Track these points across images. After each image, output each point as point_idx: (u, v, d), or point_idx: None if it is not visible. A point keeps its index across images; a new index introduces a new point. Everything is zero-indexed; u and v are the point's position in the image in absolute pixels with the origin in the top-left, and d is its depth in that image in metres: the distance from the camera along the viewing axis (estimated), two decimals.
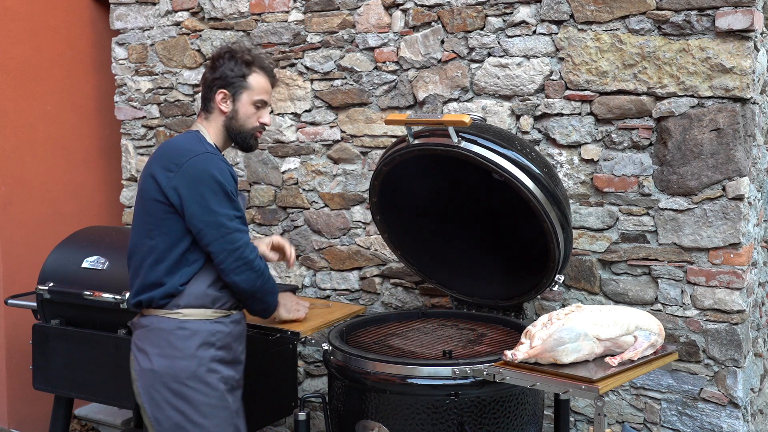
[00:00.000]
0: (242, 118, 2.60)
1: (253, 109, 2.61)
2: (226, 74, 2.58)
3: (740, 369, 2.91)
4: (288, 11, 3.75)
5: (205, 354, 2.50)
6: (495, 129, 2.75)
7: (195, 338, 2.49)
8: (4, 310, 4.04)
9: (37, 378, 3.38)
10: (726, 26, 2.80)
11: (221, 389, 2.52)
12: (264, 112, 2.64)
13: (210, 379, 2.50)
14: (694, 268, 2.95)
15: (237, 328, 2.61)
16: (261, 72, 2.62)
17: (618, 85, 3.02)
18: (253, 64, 2.60)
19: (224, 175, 2.47)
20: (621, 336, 2.28)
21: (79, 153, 4.53)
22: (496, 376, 2.25)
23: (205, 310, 2.52)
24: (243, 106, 2.60)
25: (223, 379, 2.53)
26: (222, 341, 2.54)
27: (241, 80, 2.58)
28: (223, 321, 2.56)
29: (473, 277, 3.09)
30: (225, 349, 2.55)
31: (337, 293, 3.78)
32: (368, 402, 2.49)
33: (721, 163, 2.86)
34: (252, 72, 2.60)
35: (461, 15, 3.31)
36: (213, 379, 2.51)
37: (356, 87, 3.60)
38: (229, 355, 2.57)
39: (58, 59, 4.40)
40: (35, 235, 4.23)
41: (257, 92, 2.61)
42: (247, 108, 2.60)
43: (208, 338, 2.51)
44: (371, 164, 3.61)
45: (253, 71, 2.60)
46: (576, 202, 3.14)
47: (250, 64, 2.60)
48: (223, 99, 2.59)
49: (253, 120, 2.62)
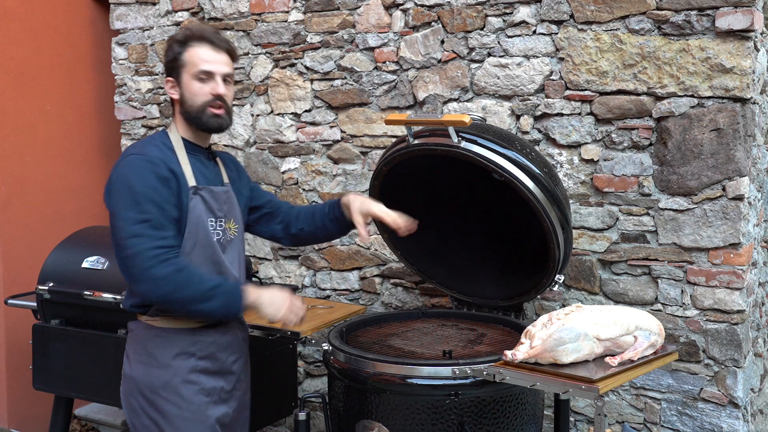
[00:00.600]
0: (189, 97, 2.40)
1: (198, 83, 2.39)
2: (167, 61, 2.45)
3: (740, 369, 2.91)
4: (288, 11, 3.75)
5: (182, 364, 2.38)
6: (495, 129, 2.75)
7: (172, 347, 2.38)
8: (4, 310, 4.04)
9: (37, 378, 3.38)
10: (726, 26, 2.80)
11: (198, 402, 2.39)
12: (214, 83, 2.40)
13: (185, 390, 2.38)
14: (694, 268, 2.95)
15: (225, 338, 2.47)
16: (198, 43, 2.41)
17: (618, 85, 3.02)
18: (188, 40, 2.41)
19: (140, 177, 2.28)
20: (621, 336, 2.28)
21: (79, 153, 4.53)
22: (496, 376, 2.25)
23: (183, 319, 2.39)
24: (186, 84, 2.40)
25: (203, 391, 2.41)
26: (204, 351, 2.42)
27: (178, 60, 2.41)
28: (207, 330, 2.43)
29: (473, 277, 3.09)
30: (208, 359, 2.43)
31: (337, 293, 3.78)
32: (368, 402, 2.49)
33: (721, 163, 2.86)
34: (187, 48, 2.40)
35: (461, 15, 3.31)
36: (189, 390, 2.38)
37: (356, 87, 3.60)
38: (215, 365, 2.44)
39: (58, 59, 4.40)
40: (35, 235, 4.23)
41: (196, 64, 2.39)
42: (191, 85, 2.40)
43: (186, 348, 2.39)
44: (371, 164, 3.61)
45: (188, 47, 2.40)
46: (576, 202, 3.14)
47: (184, 42, 2.41)
48: (172, 87, 2.44)
49: (200, 95, 2.39)
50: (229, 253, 2.48)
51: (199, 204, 2.38)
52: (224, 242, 2.47)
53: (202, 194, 2.39)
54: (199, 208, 2.38)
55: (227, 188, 2.51)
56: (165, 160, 2.35)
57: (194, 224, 2.37)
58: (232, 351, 2.50)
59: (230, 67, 2.46)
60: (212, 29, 2.49)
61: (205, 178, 2.44)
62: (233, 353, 2.51)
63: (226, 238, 2.48)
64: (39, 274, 3.38)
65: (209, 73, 2.39)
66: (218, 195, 2.45)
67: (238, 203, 2.56)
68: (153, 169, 2.30)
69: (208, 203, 2.41)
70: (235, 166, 2.67)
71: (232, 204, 2.52)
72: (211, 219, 2.42)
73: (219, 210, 2.45)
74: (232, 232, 2.51)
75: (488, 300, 3.03)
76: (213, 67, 2.40)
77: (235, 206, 2.54)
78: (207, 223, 2.40)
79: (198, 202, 2.38)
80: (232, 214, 2.51)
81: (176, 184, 2.34)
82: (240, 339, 2.56)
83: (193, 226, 2.37)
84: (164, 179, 2.31)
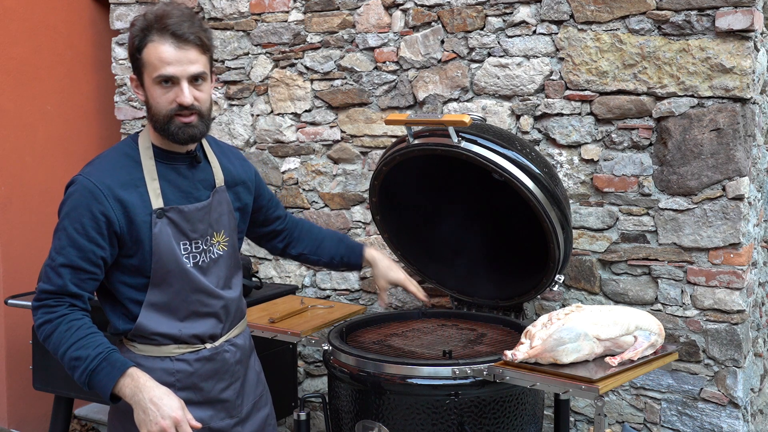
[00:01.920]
0: (153, 105, 2.04)
1: (159, 89, 2.01)
2: (129, 54, 2.07)
3: (740, 369, 2.91)
4: (288, 11, 3.75)
5: None
6: (495, 129, 2.75)
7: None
8: (4, 310, 4.04)
9: (37, 378, 3.39)
10: (726, 26, 2.80)
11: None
12: (177, 89, 2.00)
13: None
14: (694, 268, 2.95)
15: (208, 366, 2.19)
16: (159, 37, 1.98)
17: (618, 85, 3.02)
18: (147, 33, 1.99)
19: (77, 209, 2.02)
20: (621, 336, 2.28)
21: (79, 153, 4.53)
22: (496, 376, 2.25)
23: (163, 347, 2.14)
24: (148, 89, 2.04)
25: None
26: (184, 382, 2.15)
27: (137, 58, 2.02)
28: (186, 358, 2.15)
29: (473, 277, 3.09)
30: (190, 390, 2.16)
31: (337, 293, 3.78)
32: (368, 402, 2.49)
33: (721, 163, 2.86)
34: (146, 43, 1.99)
35: (461, 15, 3.31)
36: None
37: (356, 87, 3.60)
38: (198, 395, 2.18)
39: (58, 59, 4.40)
40: (35, 235, 4.22)
41: (155, 67, 1.99)
42: (152, 90, 2.02)
43: (164, 378, 2.08)
44: (371, 164, 3.61)
45: (147, 41, 1.99)
46: (576, 202, 3.14)
47: (142, 35, 2.00)
48: (136, 87, 2.08)
49: (163, 104, 2.02)
50: (213, 274, 2.21)
51: (165, 228, 2.09)
52: (205, 264, 2.18)
53: (169, 216, 2.09)
54: (166, 233, 2.09)
55: (206, 203, 2.17)
56: (113, 186, 2.04)
57: (161, 252, 2.09)
58: (219, 379, 2.23)
59: (201, 64, 2.04)
60: (180, 12, 2.02)
61: (179, 193, 2.14)
62: (222, 381, 2.24)
63: (209, 257, 2.20)
64: (39, 274, 3.38)
65: (172, 78, 2.00)
66: (190, 214, 2.13)
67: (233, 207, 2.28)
68: (89, 206, 2.02)
69: (178, 225, 2.11)
70: (240, 162, 2.37)
71: (217, 214, 2.21)
72: (184, 242, 2.13)
73: (193, 231, 2.14)
74: (221, 246, 2.23)
75: (488, 300, 3.03)
76: (175, 70, 1.99)
77: (224, 213, 2.23)
78: (177, 248, 2.11)
79: (163, 225, 2.08)
80: (218, 226, 2.21)
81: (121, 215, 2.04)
82: (231, 363, 2.26)
83: (161, 254, 2.09)
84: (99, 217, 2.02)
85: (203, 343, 2.20)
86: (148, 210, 2.08)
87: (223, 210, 2.24)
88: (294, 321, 3.02)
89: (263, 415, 2.42)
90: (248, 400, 2.35)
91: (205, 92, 2.08)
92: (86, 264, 2.03)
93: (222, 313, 2.24)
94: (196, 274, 2.16)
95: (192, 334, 2.17)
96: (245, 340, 2.37)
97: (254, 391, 2.39)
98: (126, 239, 2.07)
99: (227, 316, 2.26)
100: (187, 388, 2.17)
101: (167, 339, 2.15)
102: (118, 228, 2.04)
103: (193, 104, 2.03)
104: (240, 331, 2.33)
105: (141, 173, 2.10)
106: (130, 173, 2.09)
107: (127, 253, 2.09)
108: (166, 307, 2.14)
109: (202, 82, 2.06)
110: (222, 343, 2.24)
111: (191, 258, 2.15)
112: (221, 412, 2.26)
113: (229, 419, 2.28)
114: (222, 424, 2.26)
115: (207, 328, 2.20)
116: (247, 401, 2.35)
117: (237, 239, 2.32)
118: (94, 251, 2.03)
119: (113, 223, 2.04)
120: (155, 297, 2.12)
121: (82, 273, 2.04)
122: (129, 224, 2.05)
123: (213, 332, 2.22)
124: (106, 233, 2.03)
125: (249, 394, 2.36)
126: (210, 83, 2.12)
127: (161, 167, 2.13)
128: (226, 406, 2.27)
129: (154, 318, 2.13)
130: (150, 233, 2.08)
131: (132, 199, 2.06)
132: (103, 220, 2.02)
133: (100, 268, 2.06)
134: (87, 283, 2.06)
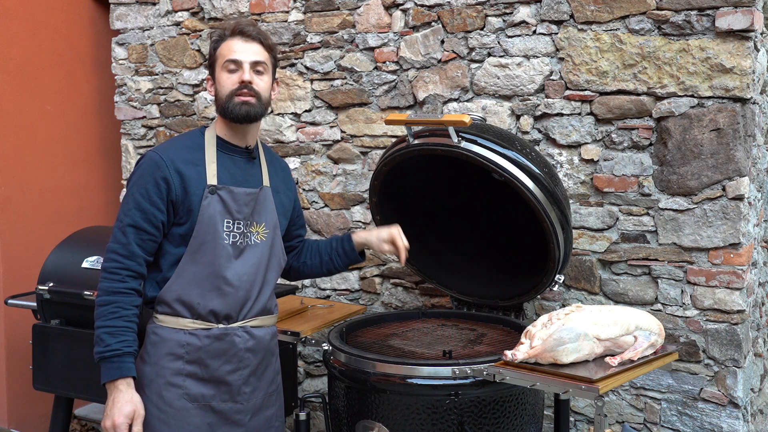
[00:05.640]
0: (220, 90, 2.39)
1: (226, 73, 2.37)
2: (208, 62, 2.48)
3: (740, 369, 2.91)
4: (288, 11, 3.76)
5: (168, 365, 2.33)
6: (495, 129, 2.75)
7: (162, 346, 2.34)
8: (4, 310, 4.04)
9: (37, 378, 3.38)
10: (726, 26, 2.80)
11: (178, 407, 2.33)
12: (241, 71, 2.37)
13: (167, 393, 2.33)
14: (694, 268, 2.95)
15: (216, 345, 2.36)
16: (231, 37, 2.39)
17: (618, 85, 3.02)
18: (222, 37, 2.40)
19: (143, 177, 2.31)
20: (621, 336, 2.28)
21: (79, 153, 4.53)
22: (496, 376, 2.25)
23: (180, 319, 2.34)
24: (218, 78, 2.39)
25: (188, 396, 2.34)
26: (192, 355, 2.34)
27: (213, 57, 2.41)
28: (197, 333, 2.34)
29: (473, 277, 3.09)
30: (196, 365, 2.34)
31: (337, 293, 3.78)
32: (368, 402, 2.49)
33: (721, 163, 2.87)
34: (221, 43, 2.40)
35: (461, 15, 3.31)
36: (171, 393, 2.33)
37: (356, 87, 3.60)
38: (204, 372, 2.35)
39: (58, 59, 4.40)
40: (35, 235, 4.23)
41: (224, 56, 2.37)
42: (222, 78, 2.38)
43: (175, 349, 2.33)
44: (371, 164, 3.61)
45: (222, 42, 2.40)
46: (576, 202, 3.14)
47: (218, 39, 2.41)
48: (210, 86, 2.45)
49: (228, 85, 2.37)
50: (246, 258, 2.39)
51: (214, 203, 2.33)
52: (241, 245, 2.38)
53: (220, 194, 2.34)
54: (214, 208, 2.33)
55: (254, 190, 2.42)
56: (176, 160, 2.33)
57: (204, 223, 2.32)
58: (226, 360, 2.38)
59: (261, 56, 2.39)
60: (249, 21, 2.46)
61: (232, 179, 2.39)
62: (228, 363, 2.38)
63: (246, 242, 2.39)
64: (39, 274, 3.38)
65: (236, 62, 2.36)
66: (238, 196, 2.38)
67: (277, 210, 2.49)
68: (153, 174, 2.30)
69: (225, 203, 2.35)
70: (284, 174, 2.62)
71: (261, 207, 2.44)
72: (227, 220, 2.35)
73: (238, 212, 2.37)
74: (260, 236, 2.42)
75: (488, 300, 3.03)
76: (240, 56, 2.35)
77: (267, 210, 2.45)
78: (220, 224, 2.34)
79: (213, 201, 2.33)
80: (260, 217, 2.43)
81: (179, 185, 2.31)
82: (239, 348, 2.40)
83: (203, 225, 2.32)
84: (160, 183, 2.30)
85: (218, 322, 2.37)
86: (203, 185, 2.34)
87: (267, 205, 2.46)
88: (294, 321, 3.02)
89: (269, 414, 2.51)
90: (258, 393, 2.46)
91: (264, 82, 2.41)
92: (148, 225, 2.30)
93: (243, 296, 2.39)
94: (227, 251, 2.35)
95: (209, 310, 2.35)
96: (266, 335, 2.49)
97: (267, 388, 2.50)
98: (180, 208, 2.32)
99: (247, 301, 2.40)
100: (194, 362, 2.35)
101: (185, 309, 2.34)
102: (174, 196, 2.31)
103: (252, 83, 2.36)
104: (261, 324, 2.46)
105: (202, 155, 2.38)
106: (193, 154, 2.38)
107: (179, 221, 2.34)
108: (194, 277, 2.33)
109: (263, 72, 2.40)
110: (235, 326, 2.39)
111: (231, 236, 2.37)
112: (225, 393, 2.39)
113: (232, 403, 2.40)
114: (224, 407, 2.40)
115: (223, 306, 2.36)
116: (257, 394, 2.46)
117: (277, 236, 2.50)
118: (155, 214, 2.30)
119: (171, 190, 2.31)
120: (186, 265, 2.33)
121: (144, 233, 2.30)
122: (184, 194, 2.32)
123: (229, 312, 2.38)
124: (166, 198, 2.30)
125: (260, 388, 2.47)
126: (270, 77, 2.44)
127: (221, 155, 2.41)
128: (230, 389, 2.40)
129: (180, 285, 2.33)
130: (200, 205, 2.32)
131: (190, 174, 2.33)
132: (164, 186, 2.30)
133: (159, 230, 2.32)
134: (147, 243, 2.32)
